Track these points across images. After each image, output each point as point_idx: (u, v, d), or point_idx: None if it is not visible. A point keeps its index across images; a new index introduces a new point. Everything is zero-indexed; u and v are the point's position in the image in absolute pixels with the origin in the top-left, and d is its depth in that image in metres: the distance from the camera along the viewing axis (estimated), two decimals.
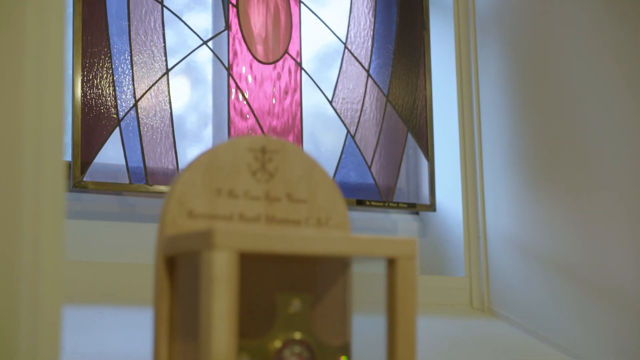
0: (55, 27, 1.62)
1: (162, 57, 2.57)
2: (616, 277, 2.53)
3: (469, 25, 2.92)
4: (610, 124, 2.60)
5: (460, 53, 2.91)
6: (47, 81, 1.59)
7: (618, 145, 2.57)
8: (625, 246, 2.52)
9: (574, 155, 2.67)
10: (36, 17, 1.63)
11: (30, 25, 1.62)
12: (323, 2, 2.83)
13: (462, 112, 2.87)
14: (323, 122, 2.81)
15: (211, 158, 1.60)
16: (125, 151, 2.49)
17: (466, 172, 2.85)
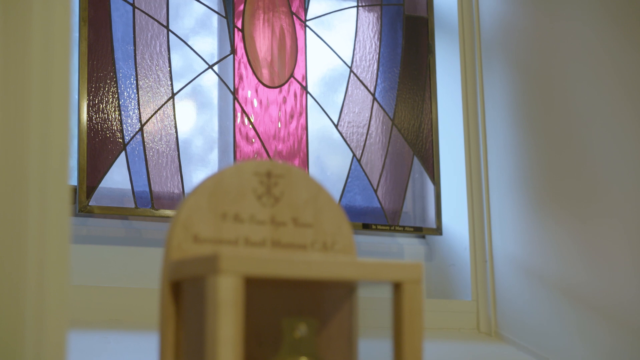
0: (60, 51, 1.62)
1: (168, 81, 2.57)
2: (622, 301, 2.52)
3: (475, 48, 2.92)
4: (616, 149, 2.59)
5: (465, 76, 2.91)
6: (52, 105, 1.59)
7: (624, 170, 2.57)
8: (630, 270, 2.51)
9: (580, 179, 2.66)
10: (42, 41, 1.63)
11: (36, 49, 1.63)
12: (329, 25, 2.84)
13: (468, 135, 2.87)
14: (329, 145, 2.81)
15: (216, 182, 1.60)
16: (131, 175, 2.49)
17: (472, 195, 2.84)
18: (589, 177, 2.64)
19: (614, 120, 2.61)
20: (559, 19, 2.79)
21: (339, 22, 2.86)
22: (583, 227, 2.64)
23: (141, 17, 2.56)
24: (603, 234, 2.59)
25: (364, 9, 2.88)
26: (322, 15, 2.82)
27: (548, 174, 2.76)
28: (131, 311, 2.34)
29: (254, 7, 2.70)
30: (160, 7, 2.59)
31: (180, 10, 2.65)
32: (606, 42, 2.67)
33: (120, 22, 2.53)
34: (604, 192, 2.61)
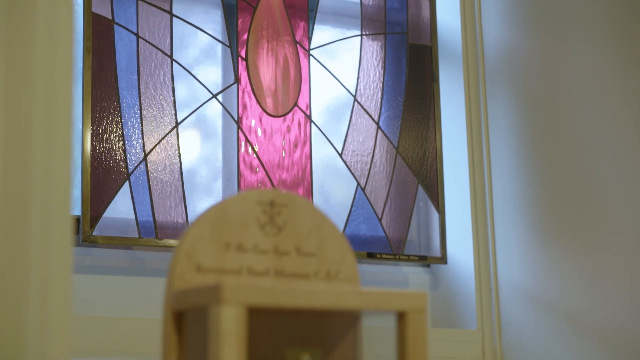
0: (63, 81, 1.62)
1: (172, 110, 2.57)
2: (627, 329, 2.51)
3: (479, 76, 2.92)
4: (621, 178, 2.59)
5: (470, 104, 2.91)
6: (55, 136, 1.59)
7: (628, 199, 2.56)
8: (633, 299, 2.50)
9: (584, 208, 2.66)
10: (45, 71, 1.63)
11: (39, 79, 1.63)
12: (332, 55, 2.84)
13: (472, 164, 2.87)
14: (333, 174, 2.81)
15: (220, 212, 1.59)
16: (134, 205, 2.49)
17: (477, 224, 2.83)
18: (593, 206, 2.64)
19: (619, 149, 2.60)
20: (564, 46, 2.79)
21: (343, 51, 2.86)
22: (587, 256, 2.63)
23: (145, 46, 2.56)
24: (607, 263, 2.58)
25: (368, 37, 2.88)
26: (326, 44, 2.82)
27: (553, 203, 2.75)
28: (134, 341, 2.33)
29: (257, 36, 2.70)
30: (164, 36, 2.60)
31: (184, 40, 2.65)
32: (612, 70, 2.67)
33: (124, 52, 2.53)
34: (608, 221, 2.60)
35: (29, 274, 1.53)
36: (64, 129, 1.62)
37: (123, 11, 2.55)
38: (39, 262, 1.54)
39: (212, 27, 2.70)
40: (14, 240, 1.57)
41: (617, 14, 2.71)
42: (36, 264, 1.54)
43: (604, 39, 2.71)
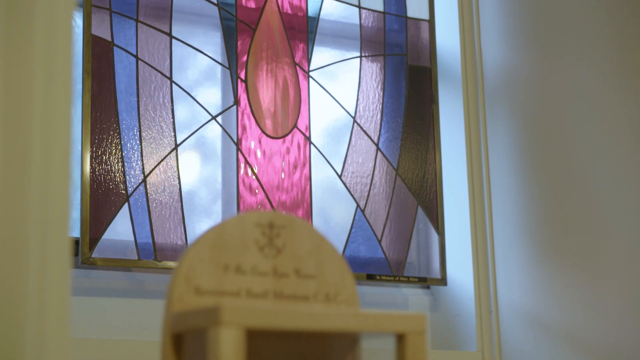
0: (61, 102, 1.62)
1: (171, 132, 2.57)
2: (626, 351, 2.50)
3: (478, 98, 2.93)
4: (621, 200, 2.58)
5: (469, 125, 2.91)
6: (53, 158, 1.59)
7: (627, 221, 2.56)
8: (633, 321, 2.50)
9: (584, 230, 2.65)
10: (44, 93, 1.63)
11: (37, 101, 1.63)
12: (332, 76, 2.84)
13: (472, 185, 2.86)
14: (333, 196, 2.80)
15: (218, 234, 1.59)
16: (134, 227, 2.48)
17: (477, 245, 2.83)
18: (592, 228, 2.63)
19: (619, 170, 2.60)
20: (563, 67, 2.79)
21: (342, 73, 2.86)
22: (587, 277, 2.63)
23: (144, 68, 2.56)
24: (606, 284, 2.58)
25: (367, 59, 2.89)
26: (325, 65, 2.83)
27: (552, 224, 2.75)
28: None
29: (257, 58, 2.70)
30: (163, 58, 2.60)
31: (183, 62, 2.65)
32: (611, 91, 2.67)
33: (123, 74, 2.53)
34: (607, 242, 2.59)
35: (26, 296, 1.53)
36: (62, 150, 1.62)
37: (123, 33, 2.55)
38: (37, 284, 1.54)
39: (211, 49, 2.70)
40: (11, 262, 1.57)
41: (616, 35, 2.71)
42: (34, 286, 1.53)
43: (603, 60, 2.71)
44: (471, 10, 2.98)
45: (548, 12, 2.87)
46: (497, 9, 2.94)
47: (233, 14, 2.70)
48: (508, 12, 2.93)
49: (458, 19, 2.96)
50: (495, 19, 2.94)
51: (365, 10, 2.91)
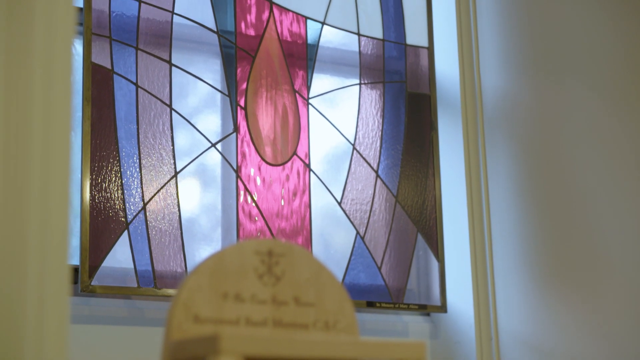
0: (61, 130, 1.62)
1: (171, 159, 2.57)
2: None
3: (478, 125, 2.93)
4: (620, 228, 2.58)
5: (469, 152, 2.91)
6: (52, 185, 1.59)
7: (628, 246, 2.55)
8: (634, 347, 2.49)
9: (583, 256, 2.65)
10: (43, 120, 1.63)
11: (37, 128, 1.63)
12: (331, 103, 2.85)
13: (472, 212, 2.86)
14: (332, 223, 2.80)
15: (217, 262, 1.59)
16: (133, 254, 2.48)
17: (477, 272, 2.83)
18: (592, 255, 2.63)
19: (619, 199, 2.60)
20: (562, 94, 2.80)
21: (341, 100, 2.87)
22: (587, 305, 2.62)
23: (144, 96, 2.57)
24: (605, 312, 2.57)
25: (367, 86, 2.89)
26: (324, 93, 2.83)
27: (552, 251, 2.74)
28: None
29: (256, 85, 2.71)
30: (163, 86, 2.61)
31: (183, 89, 2.66)
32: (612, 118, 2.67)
33: (123, 102, 2.54)
34: (607, 270, 2.59)
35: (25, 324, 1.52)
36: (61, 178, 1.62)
37: (122, 61, 2.56)
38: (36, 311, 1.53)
39: (211, 76, 2.71)
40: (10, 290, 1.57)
41: (616, 59, 2.72)
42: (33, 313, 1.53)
43: (602, 85, 2.72)
44: (470, 37, 2.99)
45: (547, 38, 2.88)
46: (496, 35, 2.95)
47: (233, 42, 2.71)
48: (507, 39, 2.94)
49: (457, 46, 2.97)
50: (494, 46, 2.95)
51: (364, 38, 2.92)
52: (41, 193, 1.60)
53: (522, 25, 2.94)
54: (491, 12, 2.97)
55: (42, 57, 1.68)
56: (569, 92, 2.78)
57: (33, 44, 1.68)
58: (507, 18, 2.95)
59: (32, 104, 1.65)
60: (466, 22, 2.99)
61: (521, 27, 2.94)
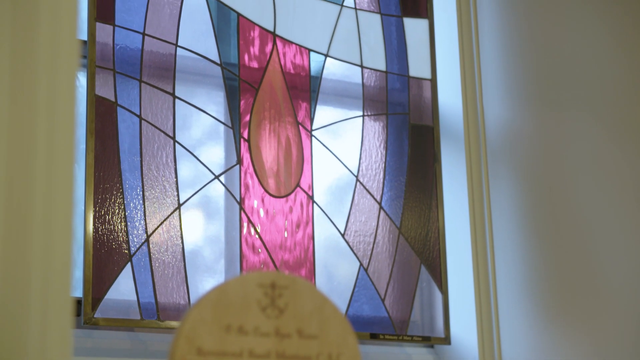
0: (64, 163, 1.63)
1: (174, 191, 2.58)
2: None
3: (481, 156, 2.93)
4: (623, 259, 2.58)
5: (472, 184, 2.91)
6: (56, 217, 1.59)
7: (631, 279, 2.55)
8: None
9: (587, 289, 2.65)
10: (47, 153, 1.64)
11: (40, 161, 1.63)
12: (334, 135, 2.85)
13: (475, 243, 2.86)
14: (336, 255, 2.80)
15: (221, 294, 1.58)
16: (136, 287, 2.48)
17: (481, 304, 2.82)
18: (596, 287, 2.63)
19: (622, 229, 2.60)
20: (565, 126, 2.80)
21: (345, 131, 2.87)
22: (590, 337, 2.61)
23: (148, 128, 2.58)
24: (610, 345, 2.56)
25: (370, 118, 2.90)
26: (328, 124, 2.84)
27: (556, 283, 2.74)
28: None
29: (260, 117, 2.72)
30: (166, 118, 2.61)
31: (186, 121, 2.67)
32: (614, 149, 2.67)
33: (127, 134, 2.54)
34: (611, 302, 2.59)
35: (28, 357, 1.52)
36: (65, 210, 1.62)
37: (126, 93, 2.57)
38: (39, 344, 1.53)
39: (214, 108, 2.72)
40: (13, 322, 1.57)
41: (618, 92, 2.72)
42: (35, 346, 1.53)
43: (605, 117, 2.72)
44: (473, 69, 2.99)
45: (549, 70, 2.89)
46: (498, 67, 2.96)
47: (236, 74, 2.71)
48: (509, 71, 2.94)
49: (460, 78, 2.98)
50: (497, 78, 2.96)
51: (367, 70, 2.92)
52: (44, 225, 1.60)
53: (524, 57, 2.94)
54: (494, 44, 2.98)
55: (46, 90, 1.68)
56: (571, 123, 2.79)
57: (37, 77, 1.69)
58: (509, 50, 2.96)
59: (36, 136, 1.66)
60: (469, 54, 3.00)
61: (524, 59, 2.94)
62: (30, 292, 1.55)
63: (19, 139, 1.67)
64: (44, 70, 1.70)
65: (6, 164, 1.65)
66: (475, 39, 3.00)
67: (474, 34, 3.01)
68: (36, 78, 1.69)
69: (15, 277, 1.58)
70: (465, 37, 3.00)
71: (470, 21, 3.01)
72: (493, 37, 2.98)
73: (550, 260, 2.76)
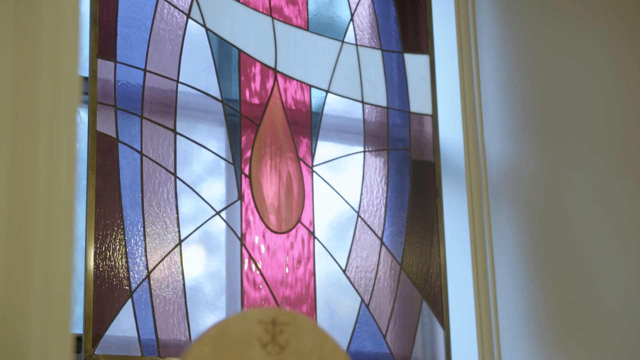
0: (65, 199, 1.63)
1: (175, 227, 2.57)
2: None
3: (482, 192, 2.93)
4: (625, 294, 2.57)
5: (473, 220, 2.91)
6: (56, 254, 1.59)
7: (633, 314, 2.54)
8: None
9: (589, 323, 2.64)
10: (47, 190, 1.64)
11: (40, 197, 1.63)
12: (335, 170, 2.85)
13: (477, 279, 2.86)
14: (337, 291, 2.79)
15: (221, 331, 1.58)
16: (137, 323, 2.47)
17: (483, 340, 2.81)
18: (597, 322, 2.62)
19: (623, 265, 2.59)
20: (566, 161, 2.80)
21: (346, 167, 2.87)
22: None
23: (149, 164, 2.58)
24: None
25: (371, 153, 2.90)
26: (329, 160, 2.84)
27: (558, 318, 2.73)
28: None
29: (261, 153, 2.72)
30: (168, 154, 2.61)
31: (187, 157, 2.67)
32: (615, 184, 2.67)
33: (128, 170, 2.55)
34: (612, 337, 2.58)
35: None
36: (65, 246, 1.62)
37: (127, 129, 2.57)
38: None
39: (215, 144, 2.72)
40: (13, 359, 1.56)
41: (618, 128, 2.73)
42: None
43: (606, 153, 2.72)
44: (474, 104, 3.00)
45: (550, 105, 2.89)
46: (499, 102, 2.96)
47: (237, 110, 2.72)
48: (510, 106, 2.95)
49: (461, 114, 2.98)
50: (498, 113, 2.96)
51: (368, 105, 2.93)
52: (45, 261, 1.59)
53: (525, 92, 2.95)
54: (494, 79, 2.98)
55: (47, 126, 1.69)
56: (571, 158, 2.79)
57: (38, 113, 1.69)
58: (510, 85, 2.96)
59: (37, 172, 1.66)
60: (470, 89, 3.00)
61: (524, 95, 2.95)
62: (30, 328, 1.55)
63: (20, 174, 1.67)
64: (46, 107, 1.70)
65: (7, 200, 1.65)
66: (476, 74, 3.01)
67: (474, 70, 3.01)
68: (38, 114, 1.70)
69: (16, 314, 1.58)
70: (466, 72, 3.01)
71: (470, 57, 3.02)
72: (493, 73, 2.99)
73: (551, 295, 2.76)
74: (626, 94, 2.78)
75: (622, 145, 2.72)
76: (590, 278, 2.66)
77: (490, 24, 3.02)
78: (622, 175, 2.69)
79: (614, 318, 2.59)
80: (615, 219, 2.66)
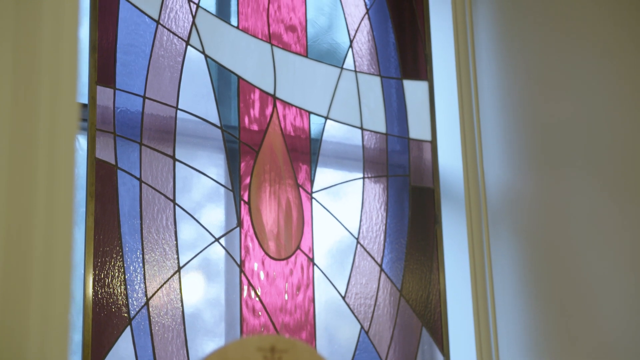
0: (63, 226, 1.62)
1: (174, 254, 2.57)
2: None
3: (481, 218, 2.93)
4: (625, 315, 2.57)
5: (473, 246, 2.90)
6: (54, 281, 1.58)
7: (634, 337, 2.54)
8: None
9: (589, 346, 2.63)
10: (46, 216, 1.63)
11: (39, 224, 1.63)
12: (335, 196, 2.85)
13: (476, 305, 2.85)
14: (336, 317, 2.79)
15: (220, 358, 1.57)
16: (136, 350, 2.46)
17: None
18: (597, 346, 2.61)
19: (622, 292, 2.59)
20: (565, 187, 2.80)
21: (345, 194, 2.87)
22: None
23: (148, 191, 2.58)
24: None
25: (370, 180, 2.90)
26: (328, 187, 2.84)
27: (558, 343, 2.72)
28: None
29: (260, 180, 2.72)
30: (167, 181, 2.61)
31: (187, 183, 2.67)
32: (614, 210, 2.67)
33: (127, 197, 2.55)
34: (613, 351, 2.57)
35: None
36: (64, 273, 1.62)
37: (126, 156, 2.57)
38: None
39: (215, 171, 2.72)
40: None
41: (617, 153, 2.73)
42: None
43: (605, 178, 2.72)
44: (473, 130, 3.00)
45: (549, 132, 2.90)
46: (498, 129, 2.97)
47: (236, 137, 2.72)
48: (509, 133, 2.95)
49: (460, 140, 2.99)
50: (497, 140, 2.97)
51: (367, 132, 2.93)
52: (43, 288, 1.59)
53: (524, 118, 2.96)
54: (494, 106, 2.99)
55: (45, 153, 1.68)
56: (571, 184, 2.79)
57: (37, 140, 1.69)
58: (509, 111, 2.97)
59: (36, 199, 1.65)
60: (469, 115, 3.01)
61: (524, 121, 2.95)
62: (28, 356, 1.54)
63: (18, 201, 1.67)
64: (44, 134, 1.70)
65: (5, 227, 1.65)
66: (475, 100, 3.01)
67: (473, 96, 3.02)
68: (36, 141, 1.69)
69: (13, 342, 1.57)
70: (465, 98, 3.02)
71: (470, 83, 3.02)
72: (493, 99, 3.00)
73: (551, 322, 2.75)
74: (625, 121, 2.78)
75: (620, 172, 2.73)
76: (590, 304, 2.66)
77: (489, 50, 3.03)
78: (621, 201, 2.69)
79: (614, 344, 2.59)
80: (614, 245, 2.65)
